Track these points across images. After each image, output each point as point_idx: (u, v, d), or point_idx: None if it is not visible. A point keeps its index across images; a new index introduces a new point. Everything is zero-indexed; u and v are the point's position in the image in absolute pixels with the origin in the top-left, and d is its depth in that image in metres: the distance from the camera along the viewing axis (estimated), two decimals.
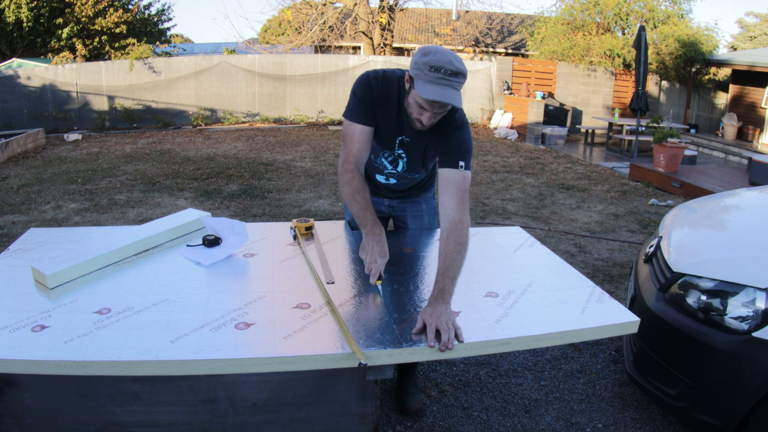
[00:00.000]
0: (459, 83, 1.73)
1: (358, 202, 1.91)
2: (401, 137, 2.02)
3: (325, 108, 12.72)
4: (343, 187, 1.96)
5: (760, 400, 1.88)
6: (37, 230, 2.37)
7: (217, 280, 1.88)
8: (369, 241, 1.84)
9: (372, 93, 1.94)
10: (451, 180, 1.88)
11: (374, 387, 1.76)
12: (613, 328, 1.69)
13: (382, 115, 1.97)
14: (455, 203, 1.84)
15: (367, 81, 1.96)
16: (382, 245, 1.84)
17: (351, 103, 1.97)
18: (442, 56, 1.71)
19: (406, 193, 2.34)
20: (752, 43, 25.71)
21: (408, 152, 2.05)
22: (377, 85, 1.94)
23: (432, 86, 1.71)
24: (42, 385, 1.63)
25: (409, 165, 2.10)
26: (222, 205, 5.72)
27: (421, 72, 1.73)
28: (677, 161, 7.53)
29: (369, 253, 1.82)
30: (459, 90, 1.75)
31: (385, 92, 1.94)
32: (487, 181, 7.14)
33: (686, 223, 2.73)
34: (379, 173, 2.21)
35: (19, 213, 5.36)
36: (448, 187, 1.88)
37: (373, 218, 1.89)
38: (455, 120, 1.93)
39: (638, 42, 8.61)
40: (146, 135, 10.69)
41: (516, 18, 19.38)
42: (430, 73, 1.70)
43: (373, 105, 1.95)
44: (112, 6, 14.00)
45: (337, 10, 15.60)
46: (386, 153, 2.09)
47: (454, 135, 1.92)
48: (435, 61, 1.70)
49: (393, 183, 2.23)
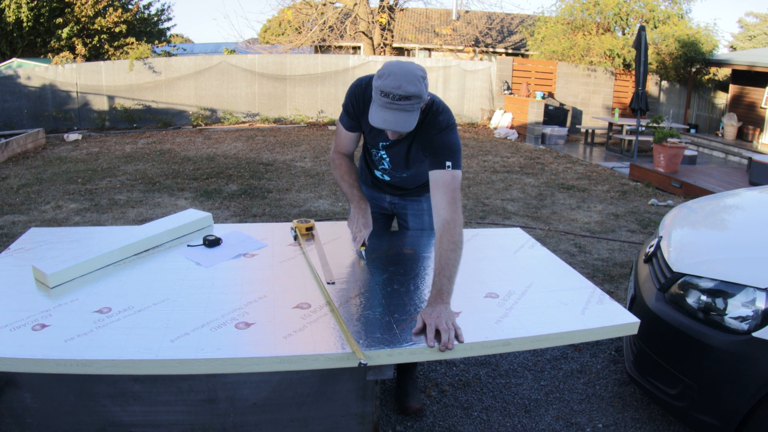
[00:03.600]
0: (410, 105, 1.75)
1: (346, 181, 2.18)
2: (382, 142, 2.11)
3: (325, 108, 12.72)
4: (334, 171, 2.24)
5: (760, 400, 1.88)
6: (38, 230, 2.37)
7: (218, 279, 1.88)
8: (355, 213, 2.10)
9: (356, 105, 2.05)
10: (440, 181, 1.90)
11: (374, 387, 1.76)
12: (613, 330, 1.70)
13: (365, 121, 2.02)
14: (446, 203, 1.86)
15: (353, 92, 2.05)
16: (366, 217, 2.09)
17: (342, 111, 2.14)
18: (392, 80, 1.73)
19: (407, 191, 2.37)
20: (752, 43, 25.74)
21: (389, 154, 2.16)
22: (360, 96, 2.03)
23: (381, 111, 1.76)
24: (42, 385, 1.64)
25: (393, 164, 2.20)
26: (222, 205, 5.72)
27: (375, 95, 1.78)
28: (677, 161, 7.53)
29: (355, 223, 2.09)
30: (411, 110, 1.77)
31: (367, 101, 1.97)
32: (487, 181, 7.14)
33: (686, 223, 2.73)
34: (376, 168, 2.33)
35: (19, 213, 5.36)
36: (437, 187, 1.90)
37: (359, 195, 2.14)
38: (439, 123, 1.94)
39: (638, 42, 8.61)
40: (146, 135, 10.69)
41: (516, 18, 19.38)
42: (380, 98, 1.75)
43: (356, 115, 2.08)
44: (112, 6, 14.00)
45: (337, 10, 15.60)
46: (374, 151, 2.24)
47: (438, 138, 1.93)
48: (384, 86, 1.74)
49: (387, 179, 2.32)
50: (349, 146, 2.22)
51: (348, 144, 2.21)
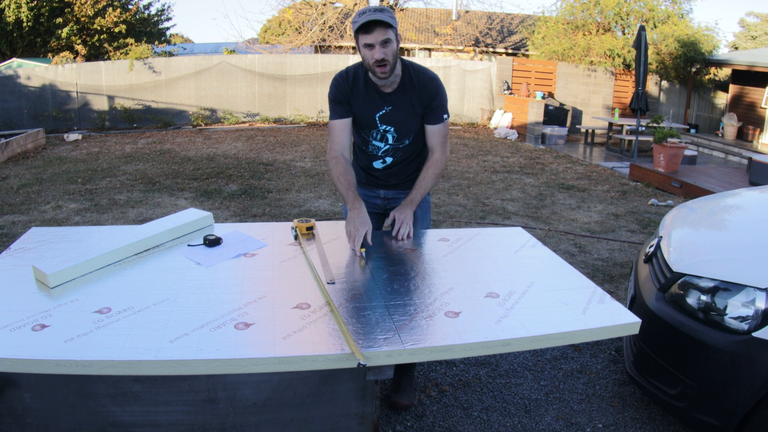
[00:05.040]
0: (385, 15, 2.05)
1: (342, 183, 2.27)
2: (380, 112, 2.28)
3: (325, 108, 12.70)
4: (332, 172, 2.33)
5: (760, 400, 1.88)
6: (39, 229, 2.37)
7: (217, 280, 1.88)
8: (351, 213, 2.18)
9: (340, 88, 2.27)
10: (436, 132, 2.33)
11: (374, 387, 1.76)
12: (613, 330, 1.69)
13: (356, 101, 2.28)
14: (439, 145, 2.34)
15: (334, 81, 2.30)
16: (362, 216, 2.16)
17: (330, 107, 2.33)
18: (365, 8, 2.09)
19: (401, 182, 2.45)
20: (754, 43, 25.75)
21: (392, 122, 2.30)
22: (342, 80, 2.27)
23: (361, 19, 2.06)
24: (42, 385, 1.64)
25: (399, 133, 2.33)
26: (222, 205, 5.72)
27: (354, 20, 2.09)
28: (677, 161, 7.53)
29: (351, 224, 2.14)
30: (388, 18, 2.05)
31: (351, 81, 2.26)
32: (487, 181, 7.14)
33: (686, 223, 2.73)
34: (375, 159, 2.40)
35: (19, 213, 5.36)
36: (434, 136, 2.34)
37: (354, 195, 2.23)
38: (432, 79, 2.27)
39: (638, 42, 8.61)
40: (146, 135, 10.69)
41: (516, 18, 19.37)
42: (359, 17, 2.07)
43: (344, 98, 2.28)
44: (111, 6, 14.00)
45: (337, 10, 15.60)
46: (373, 133, 2.34)
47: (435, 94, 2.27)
48: (361, 11, 2.09)
49: (390, 162, 2.41)
50: (344, 138, 2.31)
51: (342, 135, 2.31)
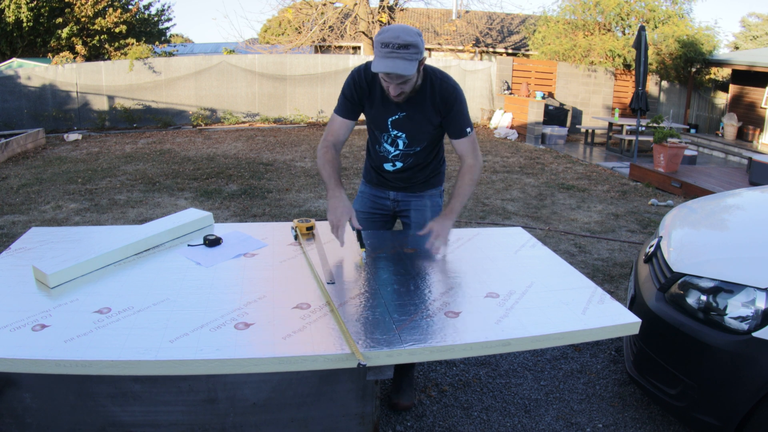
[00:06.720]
0: (409, 53, 1.92)
1: (326, 170, 2.21)
2: (393, 117, 2.20)
3: (325, 108, 12.71)
4: (319, 158, 2.26)
5: (760, 400, 1.88)
6: (39, 229, 2.37)
7: (217, 280, 1.88)
8: (333, 201, 2.10)
9: (356, 89, 2.19)
10: (461, 145, 2.24)
11: (374, 387, 1.76)
12: (614, 330, 1.69)
13: (369, 104, 2.21)
14: (470, 152, 2.24)
15: (352, 79, 2.21)
16: (344, 203, 2.08)
17: (339, 99, 2.26)
18: (391, 33, 1.93)
19: (412, 186, 2.41)
20: (755, 43, 25.75)
21: (403, 129, 2.23)
22: (360, 78, 2.18)
23: (382, 60, 1.94)
24: (42, 385, 1.63)
25: (410, 140, 2.26)
26: (222, 205, 5.72)
27: (376, 50, 1.97)
28: (677, 161, 7.52)
29: (333, 213, 2.06)
30: (410, 59, 1.93)
31: (368, 83, 2.18)
32: (487, 181, 7.14)
33: (686, 223, 2.73)
34: (386, 161, 2.35)
35: (19, 213, 5.36)
36: (459, 146, 2.25)
37: (335, 182, 2.16)
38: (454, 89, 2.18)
39: (638, 42, 8.61)
40: (146, 135, 10.69)
41: (516, 18, 19.38)
42: (381, 49, 1.94)
43: (359, 100, 2.21)
44: (112, 6, 14.00)
45: (337, 10, 15.60)
46: (384, 136, 2.28)
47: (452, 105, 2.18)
48: (384, 39, 1.93)
49: (400, 166, 2.34)
50: (341, 134, 2.27)
51: (339, 131, 2.26)
